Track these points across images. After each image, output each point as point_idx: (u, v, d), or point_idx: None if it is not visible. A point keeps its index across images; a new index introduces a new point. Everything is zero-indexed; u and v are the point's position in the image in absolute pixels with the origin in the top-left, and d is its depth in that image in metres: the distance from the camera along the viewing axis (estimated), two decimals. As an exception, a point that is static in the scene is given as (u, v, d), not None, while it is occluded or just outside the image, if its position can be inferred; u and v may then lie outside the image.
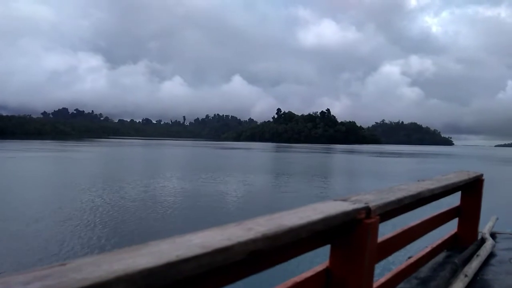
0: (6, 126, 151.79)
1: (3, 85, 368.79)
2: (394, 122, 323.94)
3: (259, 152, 69.18)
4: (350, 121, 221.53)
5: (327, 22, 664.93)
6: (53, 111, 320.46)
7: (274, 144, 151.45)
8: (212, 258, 0.80)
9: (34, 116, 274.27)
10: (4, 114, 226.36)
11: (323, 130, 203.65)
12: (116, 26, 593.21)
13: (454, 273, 2.63)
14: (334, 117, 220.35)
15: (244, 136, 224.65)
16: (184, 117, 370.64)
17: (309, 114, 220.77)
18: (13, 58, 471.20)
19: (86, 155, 49.03)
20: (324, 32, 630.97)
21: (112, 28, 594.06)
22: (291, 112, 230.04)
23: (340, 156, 60.66)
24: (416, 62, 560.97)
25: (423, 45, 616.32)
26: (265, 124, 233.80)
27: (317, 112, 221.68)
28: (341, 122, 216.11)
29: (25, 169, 27.07)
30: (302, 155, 61.58)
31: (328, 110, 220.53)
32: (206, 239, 0.85)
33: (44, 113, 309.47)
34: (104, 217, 11.82)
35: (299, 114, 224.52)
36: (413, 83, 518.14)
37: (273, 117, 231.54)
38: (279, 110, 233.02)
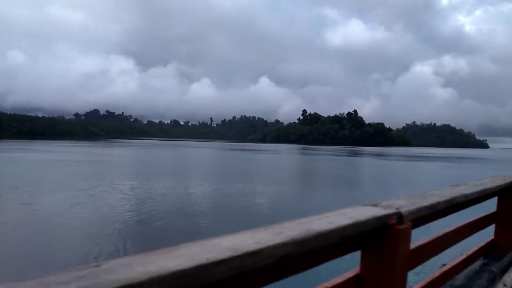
0: (36, 127, 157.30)
1: (39, 88, 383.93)
2: (426, 124, 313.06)
3: (282, 155, 67.53)
4: (378, 123, 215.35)
5: (355, 22, 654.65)
6: (85, 112, 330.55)
7: (299, 146, 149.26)
8: (242, 261, 0.80)
9: (67, 117, 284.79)
10: (40, 115, 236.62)
11: (349, 131, 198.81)
12: (146, 29, 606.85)
13: (492, 282, 2.54)
14: (362, 118, 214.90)
15: (270, 137, 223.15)
16: (211, 118, 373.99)
17: (336, 115, 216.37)
18: (49, 62, 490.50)
19: (112, 156, 49.52)
20: (352, 32, 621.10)
21: (143, 31, 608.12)
22: (317, 113, 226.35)
23: (367, 160, 57.89)
24: (449, 62, 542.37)
25: (456, 44, 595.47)
26: (291, 125, 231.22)
27: (343, 113, 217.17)
28: (369, 124, 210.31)
29: (51, 171, 27.13)
30: (326, 158, 59.43)
31: (355, 111, 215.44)
32: (235, 242, 0.85)
33: (76, 115, 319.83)
34: (135, 219, 12.23)
35: (326, 115, 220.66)
36: (446, 84, 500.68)
37: (299, 118, 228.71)
38: (304, 111, 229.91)
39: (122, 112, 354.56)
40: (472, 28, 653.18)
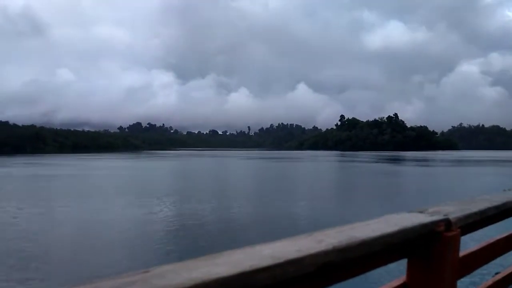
0: (80, 141, 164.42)
1: (87, 104, 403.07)
2: (474, 126, 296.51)
3: (313, 163, 65.67)
4: (421, 126, 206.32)
5: (394, 24, 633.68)
6: (128, 125, 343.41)
7: (337, 152, 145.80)
8: (284, 269, 0.80)
9: (111, 130, 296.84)
10: (87, 129, 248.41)
11: (390, 136, 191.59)
12: (185, 43, 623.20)
13: None
14: (403, 122, 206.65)
15: (307, 144, 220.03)
16: (248, 127, 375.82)
17: (375, 120, 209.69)
18: (95, 78, 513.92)
19: (155, 166, 50.49)
20: (391, 34, 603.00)
21: (181, 45, 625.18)
22: (355, 118, 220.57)
23: (406, 166, 54.43)
24: (498, 60, 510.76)
25: (504, 41, 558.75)
26: (328, 131, 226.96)
27: (383, 117, 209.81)
28: (411, 127, 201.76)
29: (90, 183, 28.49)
30: (360, 165, 57.00)
31: (395, 114, 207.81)
32: (277, 250, 0.85)
33: (120, 128, 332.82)
34: (177, 226, 12.63)
35: (365, 120, 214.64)
36: (495, 82, 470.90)
37: (336, 124, 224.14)
38: (342, 116, 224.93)
39: (163, 124, 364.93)
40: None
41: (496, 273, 2.32)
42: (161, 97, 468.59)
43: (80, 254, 9.78)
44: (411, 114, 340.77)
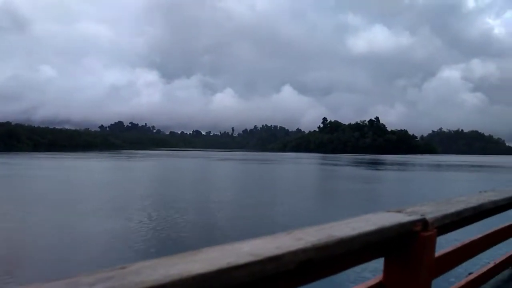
0: (56, 139, 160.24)
1: (68, 101, 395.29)
2: (453, 131, 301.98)
3: (293, 165, 64.93)
4: (401, 130, 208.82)
5: (379, 28, 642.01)
6: (109, 124, 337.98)
7: (319, 154, 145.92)
8: (262, 266, 0.80)
9: (92, 129, 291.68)
10: (67, 127, 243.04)
11: (371, 139, 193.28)
12: (170, 42, 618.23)
13: None
14: (384, 125, 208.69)
15: (290, 146, 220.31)
16: (232, 128, 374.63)
17: (357, 123, 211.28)
18: (77, 75, 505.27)
19: (124, 166, 49.32)
20: (376, 38, 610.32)
21: (166, 44, 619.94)
22: (337, 121, 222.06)
23: (385, 171, 54.02)
24: (479, 66, 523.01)
25: (485, 47, 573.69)
26: (310, 134, 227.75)
27: (365, 120, 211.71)
28: (392, 131, 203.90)
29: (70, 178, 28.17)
30: (339, 168, 56.56)
31: (377, 118, 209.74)
32: (256, 247, 0.85)
33: (101, 127, 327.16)
34: (154, 223, 12.50)
35: (347, 123, 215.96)
36: (476, 89, 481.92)
37: (319, 127, 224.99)
38: (325, 119, 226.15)
39: (145, 124, 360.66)
40: (501, 30, 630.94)
41: (470, 273, 2.37)
42: (145, 96, 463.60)
43: (55, 252, 9.52)
44: (393, 118, 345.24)
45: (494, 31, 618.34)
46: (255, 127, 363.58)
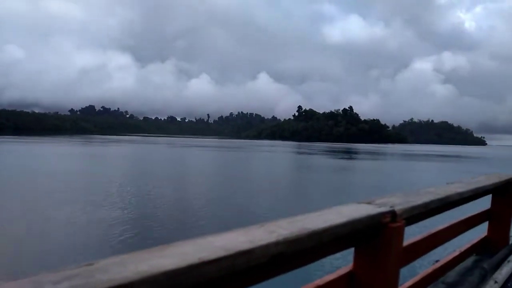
0: (21, 122, 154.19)
1: (37, 83, 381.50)
2: (424, 121, 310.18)
3: (267, 153, 64.69)
4: (373, 119, 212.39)
5: (354, 18, 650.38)
6: (80, 108, 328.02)
7: (293, 142, 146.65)
8: (234, 261, 0.80)
9: (61, 113, 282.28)
10: (37, 111, 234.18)
11: (345, 128, 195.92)
12: (143, 25, 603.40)
13: (483, 279, 2.58)
14: (357, 114, 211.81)
15: (265, 134, 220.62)
16: (208, 115, 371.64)
17: (331, 112, 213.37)
18: (46, 56, 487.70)
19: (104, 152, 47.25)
20: (350, 28, 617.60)
21: (140, 27, 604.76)
22: (312, 109, 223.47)
23: (358, 160, 54.37)
24: (449, 59, 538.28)
25: (456, 41, 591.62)
26: (285, 122, 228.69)
27: (339, 109, 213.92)
28: (364, 120, 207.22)
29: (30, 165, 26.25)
30: (311, 157, 56.71)
31: (350, 107, 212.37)
32: (228, 241, 0.85)
33: (72, 110, 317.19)
34: (125, 216, 11.92)
35: (321, 112, 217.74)
36: (446, 80, 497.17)
37: (294, 115, 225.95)
38: (300, 107, 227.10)
39: (118, 108, 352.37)
40: (472, 24, 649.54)
41: (437, 261, 2.45)
42: (118, 80, 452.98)
43: (19, 248, 8.95)
44: (367, 107, 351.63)
45: (465, 25, 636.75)
46: (231, 114, 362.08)
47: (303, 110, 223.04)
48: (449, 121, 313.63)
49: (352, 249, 1.40)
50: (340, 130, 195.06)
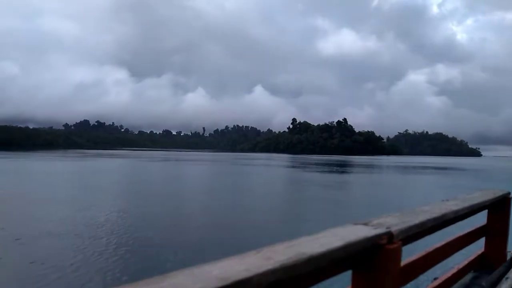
0: (11, 138, 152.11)
1: (32, 99, 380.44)
2: (418, 132, 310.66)
3: (263, 168, 63.56)
4: (368, 131, 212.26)
5: (347, 32, 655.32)
6: (74, 123, 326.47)
7: (288, 155, 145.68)
8: None
9: (56, 128, 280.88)
10: (31, 126, 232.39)
11: (339, 140, 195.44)
12: (139, 40, 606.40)
13: None
14: (352, 126, 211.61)
15: (259, 147, 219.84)
16: (203, 128, 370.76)
17: (325, 124, 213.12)
18: (41, 72, 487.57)
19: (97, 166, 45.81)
20: (344, 41, 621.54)
21: (135, 42, 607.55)
22: (306, 122, 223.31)
23: (353, 174, 53.35)
24: (443, 71, 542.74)
25: (448, 53, 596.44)
26: (280, 134, 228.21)
27: (333, 122, 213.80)
28: (359, 132, 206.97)
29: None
30: (300, 171, 55.60)
31: (344, 119, 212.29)
32: (224, 270, 0.83)
33: (66, 125, 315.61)
34: (116, 241, 11.06)
35: (316, 124, 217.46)
36: (440, 92, 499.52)
37: (288, 127, 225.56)
38: (294, 120, 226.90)
39: (113, 123, 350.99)
40: (463, 37, 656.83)
41: (435, 279, 2.44)
42: (113, 94, 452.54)
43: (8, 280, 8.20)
44: (362, 120, 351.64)
45: (457, 37, 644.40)
46: (227, 127, 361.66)
47: (297, 122, 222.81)
48: (444, 132, 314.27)
49: (349, 271, 1.38)
50: (334, 142, 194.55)
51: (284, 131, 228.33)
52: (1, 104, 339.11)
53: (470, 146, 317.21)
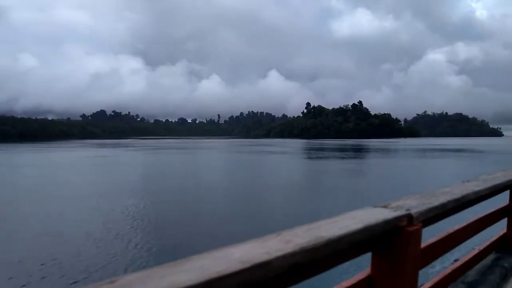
0: (26, 129, 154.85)
1: (50, 90, 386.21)
2: (437, 113, 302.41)
3: (275, 155, 62.08)
4: (384, 114, 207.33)
5: (362, 12, 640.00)
6: (91, 113, 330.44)
7: (302, 140, 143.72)
8: (251, 273, 0.80)
9: (73, 119, 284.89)
10: (50, 118, 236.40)
11: (354, 123, 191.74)
12: (152, 28, 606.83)
13: (504, 278, 2.56)
14: (367, 109, 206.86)
15: (273, 132, 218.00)
16: (218, 115, 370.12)
17: (340, 107, 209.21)
18: (58, 64, 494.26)
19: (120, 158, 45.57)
20: (359, 22, 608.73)
21: (149, 30, 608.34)
22: (320, 106, 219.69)
23: (365, 160, 51.28)
24: (463, 49, 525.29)
25: (468, 30, 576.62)
26: (294, 119, 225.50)
27: (348, 105, 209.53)
28: (375, 115, 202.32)
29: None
30: (312, 158, 54.06)
31: (360, 102, 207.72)
32: (245, 253, 0.85)
33: (83, 116, 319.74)
34: (139, 228, 11.75)
35: (330, 108, 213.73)
36: (461, 71, 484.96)
37: (302, 112, 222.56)
38: (308, 104, 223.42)
39: (129, 112, 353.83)
40: (483, 13, 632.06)
41: (455, 260, 2.43)
42: (129, 84, 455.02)
43: (38, 265, 8.57)
44: (379, 102, 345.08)
45: (476, 14, 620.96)
46: (241, 113, 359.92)
47: (311, 106, 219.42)
48: (464, 112, 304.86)
49: (369, 254, 1.38)
50: (349, 126, 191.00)
51: (299, 116, 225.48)
52: (21, 96, 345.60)
53: (491, 126, 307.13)
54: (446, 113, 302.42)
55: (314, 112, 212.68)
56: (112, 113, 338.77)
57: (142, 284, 0.68)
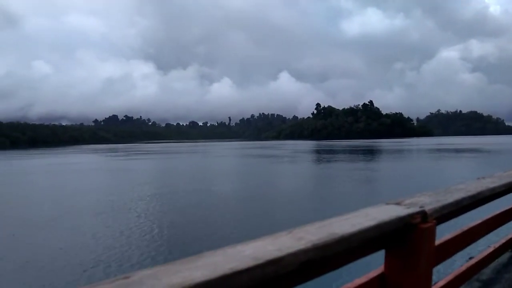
0: (36, 135, 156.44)
1: (64, 97, 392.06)
2: (451, 112, 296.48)
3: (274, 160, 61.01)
4: (396, 113, 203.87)
5: (372, 11, 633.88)
6: (104, 118, 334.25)
7: (312, 142, 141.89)
8: (264, 270, 0.80)
9: (86, 124, 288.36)
10: (64, 123, 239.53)
11: (365, 123, 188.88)
12: (163, 33, 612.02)
13: None
14: (378, 109, 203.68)
15: (284, 134, 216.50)
16: (229, 118, 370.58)
17: (350, 108, 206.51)
18: (71, 70, 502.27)
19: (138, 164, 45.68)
20: (369, 21, 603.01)
21: (159, 35, 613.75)
22: (330, 106, 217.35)
23: (374, 164, 49.83)
24: (476, 46, 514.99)
25: (481, 27, 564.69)
26: (304, 121, 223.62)
27: (359, 105, 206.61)
28: (386, 114, 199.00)
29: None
30: (320, 162, 52.82)
31: (370, 102, 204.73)
32: (257, 249, 0.85)
33: (96, 121, 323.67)
34: (152, 226, 12.10)
35: (341, 108, 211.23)
36: (475, 69, 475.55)
37: (312, 113, 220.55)
38: (318, 105, 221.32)
39: (140, 116, 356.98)
40: (497, 9, 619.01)
41: (470, 258, 2.40)
42: (141, 88, 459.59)
43: (53, 260, 8.88)
44: (392, 101, 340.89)
45: (490, 10, 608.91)
46: (252, 115, 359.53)
47: (321, 107, 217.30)
48: (479, 110, 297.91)
49: (382, 251, 1.35)
50: (360, 126, 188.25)
51: (308, 117, 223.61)
52: (36, 103, 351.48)
53: (507, 124, 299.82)
54: (460, 111, 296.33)
55: (324, 113, 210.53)
56: (124, 118, 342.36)
57: (156, 280, 0.68)
